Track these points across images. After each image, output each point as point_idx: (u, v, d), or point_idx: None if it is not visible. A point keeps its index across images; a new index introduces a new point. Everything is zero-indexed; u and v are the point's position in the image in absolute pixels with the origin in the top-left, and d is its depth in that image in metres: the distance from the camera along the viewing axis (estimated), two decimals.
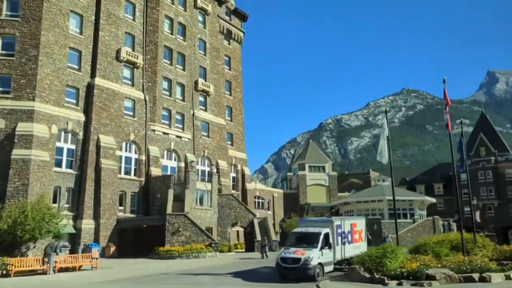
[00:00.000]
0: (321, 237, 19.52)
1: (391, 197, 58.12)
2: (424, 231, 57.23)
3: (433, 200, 65.92)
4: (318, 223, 21.45)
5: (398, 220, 62.56)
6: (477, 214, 37.26)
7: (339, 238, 21.16)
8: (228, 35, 54.20)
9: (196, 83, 46.20)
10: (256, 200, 65.44)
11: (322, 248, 19.20)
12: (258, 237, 38.17)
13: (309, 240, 19.73)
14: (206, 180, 40.90)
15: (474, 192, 69.57)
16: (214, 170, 42.78)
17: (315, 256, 18.43)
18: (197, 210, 37.96)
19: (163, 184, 37.67)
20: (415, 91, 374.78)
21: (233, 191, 50.48)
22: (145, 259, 30.18)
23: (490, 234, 54.97)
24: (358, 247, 22.79)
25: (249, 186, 52.16)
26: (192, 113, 45.06)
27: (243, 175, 52.03)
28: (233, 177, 51.18)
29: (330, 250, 19.81)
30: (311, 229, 20.45)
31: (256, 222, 40.68)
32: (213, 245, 32.35)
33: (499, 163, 67.66)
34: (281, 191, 71.11)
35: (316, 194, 70.46)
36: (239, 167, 51.73)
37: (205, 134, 46.57)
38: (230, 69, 53.78)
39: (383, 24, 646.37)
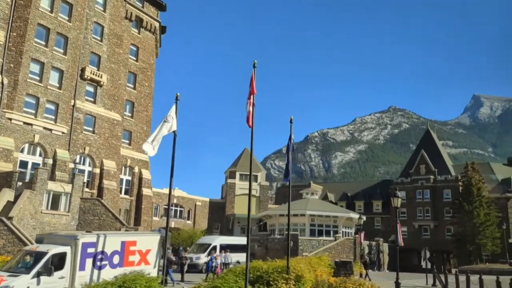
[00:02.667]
0: (45, 259, 14.44)
1: (314, 212, 53.13)
2: (344, 250, 52.19)
3: (362, 218, 60.99)
4: (59, 239, 16.35)
5: (320, 238, 57.60)
6: (362, 235, 32.31)
7: (91, 260, 15.95)
8: (139, 23, 49.39)
9: (83, 70, 41.14)
10: (173, 208, 60.17)
11: (40, 274, 14.07)
12: None
13: (30, 263, 14.74)
14: (68, 181, 35.53)
15: (411, 212, 64.94)
16: (77, 170, 37.42)
17: (19, 286, 13.35)
18: (45, 215, 32.62)
19: (5, 182, 32.31)
20: (401, 109, 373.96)
21: (125, 196, 45.19)
22: None
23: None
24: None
25: (146, 191, 46.80)
26: (72, 103, 39.90)
27: (140, 179, 46.74)
28: (128, 181, 45.89)
29: (61, 278, 14.70)
30: (42, 247, 15.40)
31: None
32: None
33: (437, 182, 63.04)
34: (207, 199, 65.87)
35: (244, 204, 65.06)
36: (136, 170, 46.45)
37: (90, 129, 41.36)
38: (137, 60, 48.81)
39: (374, 43, 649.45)
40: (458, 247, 53.38)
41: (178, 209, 60.64)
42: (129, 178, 45.99)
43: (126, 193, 45.37)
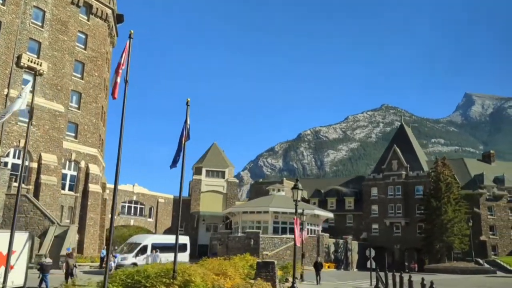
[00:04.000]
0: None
1: (277, 209, 50.65)
2: (306, 249, 49.82)
3: (329, 215, 58.73)
4: None
5: (283, 236, 55.16)
6: (303, 234, 29.90)
7: None
8: (88, 9, 46.68)
9: (19, 57, 38.46)
10: (133, 205, 57.67)
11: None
12: (42, 251, 30.30)
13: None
14: None
15: (382, 209, 62.66)
16: (2, 164, 34.71)
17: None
18: None
19: None
20: (394, 108, 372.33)
21: (69, 192, 42.56)
22: None
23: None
24: None
25: (94, 187, 44.16)
26: (6, 92, 37.24)
27: (87, 174, 44.09)
28: (73, 176, 43.22)
29: None
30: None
31: (52, 231, 32.86)
32: None
33: (409, 178, 60.77)
34: (171, 196, 63.28)
35: (211, 202, 62.82)
36: (82, 164, 43.79)
37: (25, 120, 38.65)
38: (85, 49, 46.09)
39: (367, 41, 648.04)
40: (427, 245, 51.20)
41: (139, 206, 58.01)
42: (74, 173, 43.35)
43: (70, 189, 42.75)
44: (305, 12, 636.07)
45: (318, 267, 26.61)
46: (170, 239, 32.68)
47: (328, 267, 50.34)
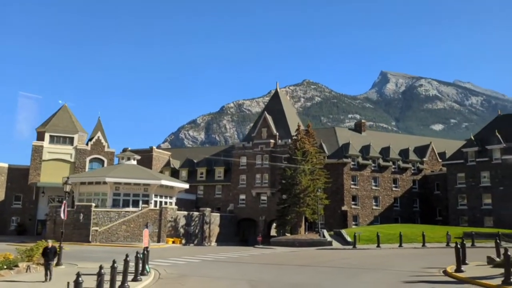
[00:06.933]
0: None
1: (118, 179, 43.66)
2: (145, 223, 44.05)
3: (183, 185, 53.57)
4: None
5: (126, 209, 48.66)
6: (62, 210, 23.73)
7: None
8: None
9: None
10: None
11: None
12: None
13: None
14: None
15: (250, 179, 58.88)
16: None
17: None
18: None
19: None
20: (315, 83, 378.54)
21: None
22: None
23: None
24: None
25: None
26: None
27: None
28: None
29: None
30: None
31: None
32: None
33: (278, 147, 57.37)
34: (5, 165, 53.82)
35: (55, 171, 54.38)
36: None
37: None
38: None
39: (291, 14, 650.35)
40: (282, 216, 48.26)
41: None
42: None
43: None
44: None
45: (48, 255, 18.89)
46: None
47: (173, 242, 45.33)
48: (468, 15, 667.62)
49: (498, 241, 23.33)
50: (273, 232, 59.25)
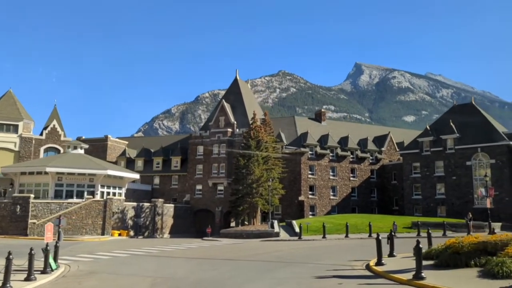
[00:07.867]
0: None
1: (61, 169, 41.17)
2: (90, 215, 42.01)
3: (133, 176, 51.63)
4: None
5: (68, 200, 46.44)
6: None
7: None
8: None
9: None
10: None
11: None
12: None
13: None
14: None
15: (207, 169, 57.36)
16: None
17: None
18: None
19: None
20: (290, 74, 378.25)
21: None
22: None
23: None
24: None
25: None
26: None
27: None
28: None
29: None
30: None
31: None
32: None
33: (235, 136, 55.94)
34: None
35: None
36: None
37: None
38: None
39: (269, 8, 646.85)
40: (234, 207, 47.08)
41: None
42: None
43: None
44: None
45: None
46: None
47: (120, 234, 43.47)
48: (441, 10, 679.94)
49: (429, 231, 22.64)
50: (234, 223, 58.13)
